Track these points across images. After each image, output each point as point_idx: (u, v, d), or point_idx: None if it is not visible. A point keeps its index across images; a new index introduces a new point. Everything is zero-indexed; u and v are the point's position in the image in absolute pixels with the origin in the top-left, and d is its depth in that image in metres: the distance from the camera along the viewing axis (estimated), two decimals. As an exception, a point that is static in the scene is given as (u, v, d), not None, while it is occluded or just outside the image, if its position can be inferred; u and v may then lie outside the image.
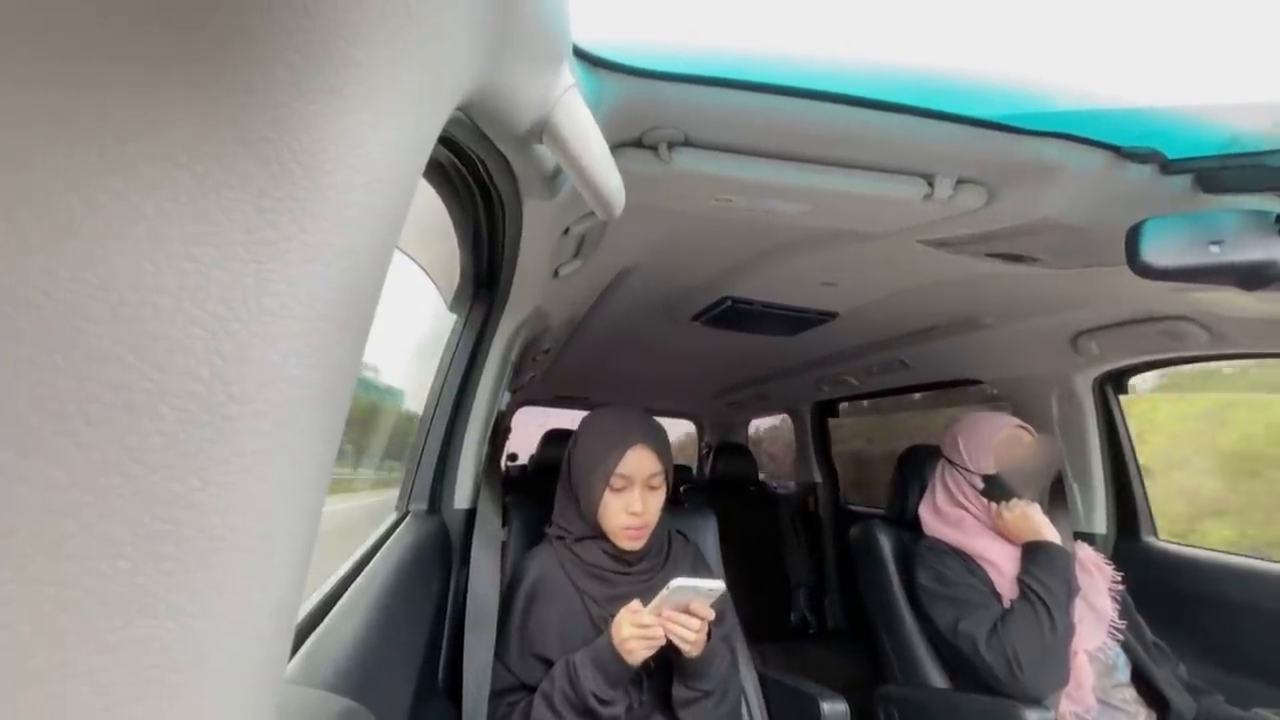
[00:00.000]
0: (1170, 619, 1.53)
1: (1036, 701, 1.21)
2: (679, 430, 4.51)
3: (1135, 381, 1.76)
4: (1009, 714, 1.21)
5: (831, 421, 3.00)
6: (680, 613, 0.98)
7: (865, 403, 2.93)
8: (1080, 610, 1.38)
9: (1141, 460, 1.75)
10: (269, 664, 0.26)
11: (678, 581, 0.96)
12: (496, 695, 1.07)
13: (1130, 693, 1.31)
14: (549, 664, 1.05)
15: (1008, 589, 1.36)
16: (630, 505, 1.10)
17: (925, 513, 1.55)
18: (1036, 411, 1.78)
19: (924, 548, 1.48)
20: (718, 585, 0.97)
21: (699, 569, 1.24)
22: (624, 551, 1.13)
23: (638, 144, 0.81)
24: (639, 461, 1.11)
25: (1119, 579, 1.45)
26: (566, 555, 1.15)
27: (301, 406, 0.24)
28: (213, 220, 0.20)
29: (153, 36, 0.18)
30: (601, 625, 1.07)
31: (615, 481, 1.10)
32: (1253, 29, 0.71)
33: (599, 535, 1.14)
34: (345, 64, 0.22)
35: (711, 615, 1.00)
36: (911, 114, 0.72)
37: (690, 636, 0.98)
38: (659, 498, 1.14)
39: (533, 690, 1.05)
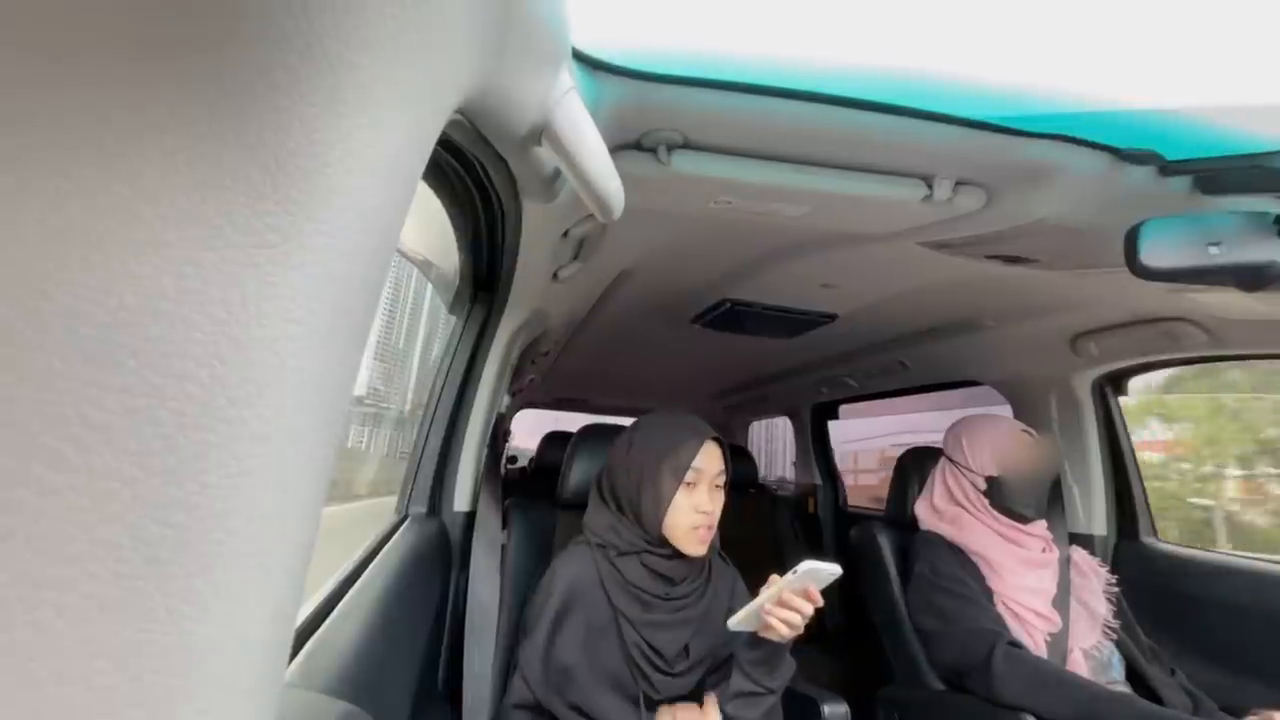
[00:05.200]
0: (1170, 620, 1.53)
1: None
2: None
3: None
4: (1010, 717, 1.21)
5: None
6: (796, 595, 0.96)
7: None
8: (1075, 610, 1.39)
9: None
10: (268, 668, 0.26)
11: (807, 564, 0.93)
12: (513, 708, 1.01)
13: (1124, 690, 1.32)
14: (566, 673, 1.01)
15: (1000, 586, 1.39)
16: (700, 504, 1.06)
17: (922, 509, 1.57)
18: (1036, 412, 1.78)
19: (921, 541, 1.51)
20: (838, 569, 0.95)
21: (738, 594, 1.20)
22: (669, 570, 1.08)
23: (637, 146, 0.81)
24: (711, 457, 1.09)
25: (1114, 581, 1.46)
26: (606, 568, 1.08)
27: (301, 410, 0.24)
28: (212, 224, 0.20)
29: (151, 41, 0.18)
30: (634, 652, 1.03)
31: (689, 476, 1.07)
32: (1252, 30, 0.71)
33: (647, 549, 1.08)
34: (344, 67, 0.22)
35: (820, 601, 0.98)
36: (910, 116, 0.72)
37: (798, 622, 0.96)
38: (721, 500, 1.11)
39: (545, 714, 1.01)
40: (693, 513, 1.06)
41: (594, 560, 1.09)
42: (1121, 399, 1.76)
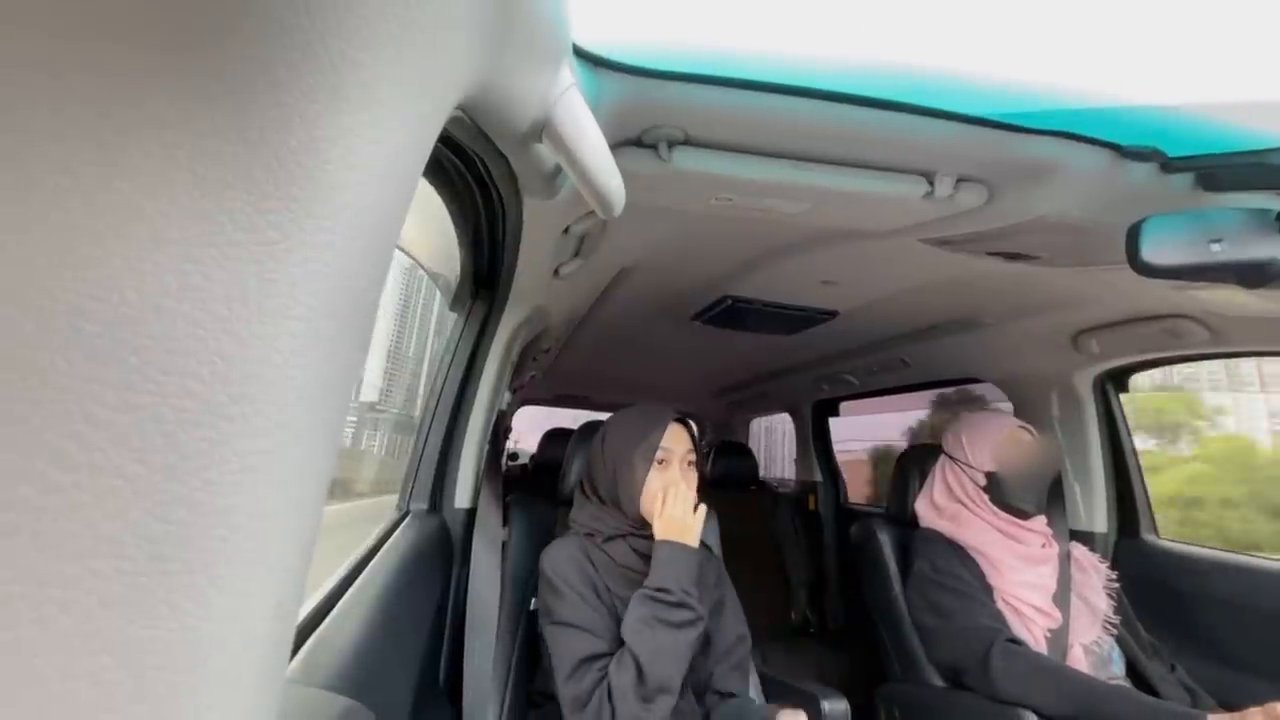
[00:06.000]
0: (1170, 616, 1.53)
1: None
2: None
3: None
4: (1010, 714, 1.22)
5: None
6: None
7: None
8: (1075, 606, 1.40)
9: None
10: (270, 664, 0.26)
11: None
12: (581, 663, 1.01)
13: (1124, 685, 1.32)
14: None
15: (999, 582, 1.39)
16: (671, 480, 1.12)
17: (922, 506, 1.57)
18: (1037, 409, 1.78)
19: (920, 538, 1.51)
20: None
21: (722, 582, 1.26)
22: (651, 551, 1.11)
23: (637, 143, 0.81)
24: (677, 437, 1.16)
25: (1114, 577, 1.47)
26: (597, 554, 1.14)
27: (303, 406, 0.24)
28: (214, 221, 0.20)
29: (153, 38, 0.18)
30: None
31: (659, 455, 1.13)
32: (1253, 27, 0.71)
33: (631, 532, 1.14)
34: (346, 64, 0.22)
35: None
36: (911, 112, 0.72)
37: None
38: (695, 479, 1.17)
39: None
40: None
41: (583, 546, 1.14)
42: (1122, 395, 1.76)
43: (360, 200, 0.25)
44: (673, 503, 1.08)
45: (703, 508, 1.10)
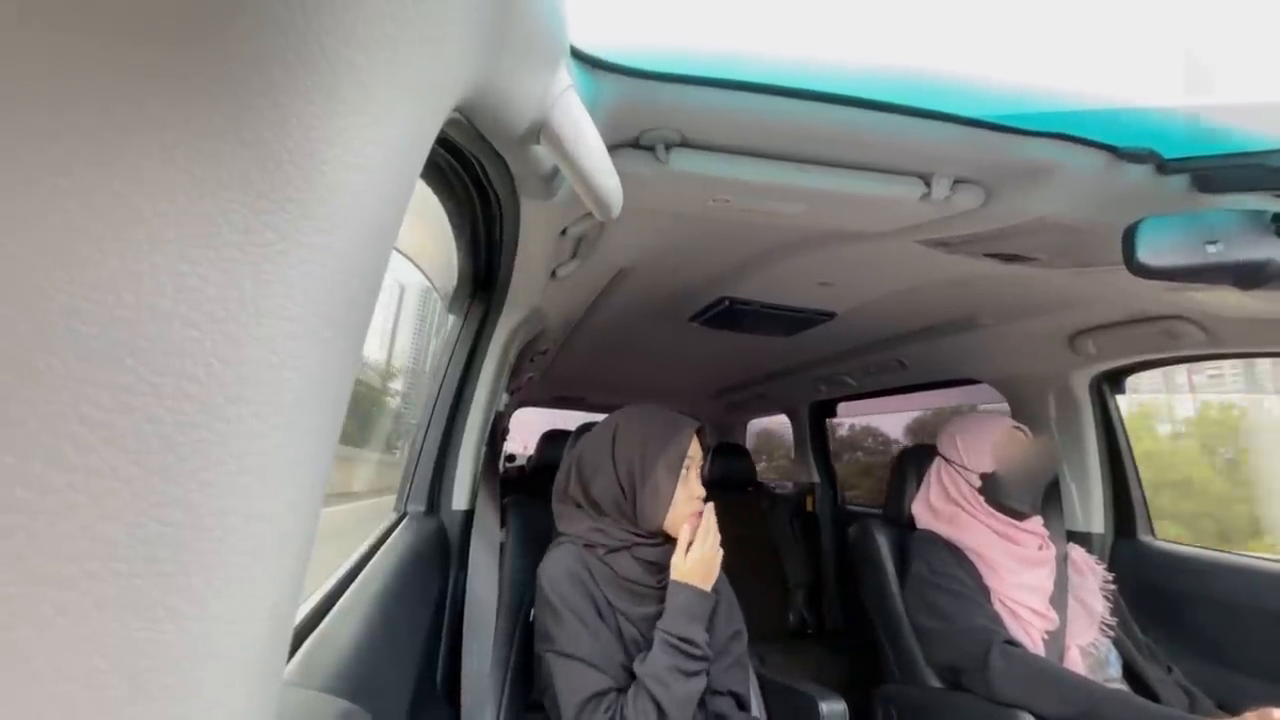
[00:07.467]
0: (1167, 617, 1.54)
1: None
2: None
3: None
4: (1008, 716, 1.22)
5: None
6: None
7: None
8: (1073, 608, 1.40)
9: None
10: (267, 666, 0.26)
11: None
12: (587, 702, 0.98)
13: (1121, 687, 1.32)
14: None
15: (997, 584, 1.39)
16: (695, 490, 1.11)
17: (919, 508, 1.57)
18: (1034, 411, 1.78)
19: (917, 539, 1.51)
20: None
21: (719, 581, 1.23)
22: (659, 557, 1.10)
23: (635, 145, 0.81)
24: (695, 444, 1.14)
25: (1110, 579, 1.47)
26: (598, 566, 1.10)
27: (299, 408, 0.24)
28: (210, 222, 0.20)
29: (150, 39, 0.18)
30: (631, 648, 1.04)
31: (685, 463, 1.11)
32: (1248, 29, 0.72)
33: (638, 542, 1.10)
34: (343, 65, 0.22)
35: None
36: (908, 114, 0.72)
37: None
38: (700, 484, 1.15)
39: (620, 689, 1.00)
40: (690, 500, 1.10)
41: (581, 558, 1.10)
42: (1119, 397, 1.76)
43: (358, 202, 0.25)
44: (701, 542, 1.06)
45: (720, 551, 1.09)
